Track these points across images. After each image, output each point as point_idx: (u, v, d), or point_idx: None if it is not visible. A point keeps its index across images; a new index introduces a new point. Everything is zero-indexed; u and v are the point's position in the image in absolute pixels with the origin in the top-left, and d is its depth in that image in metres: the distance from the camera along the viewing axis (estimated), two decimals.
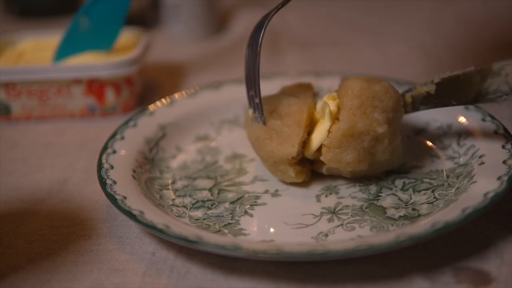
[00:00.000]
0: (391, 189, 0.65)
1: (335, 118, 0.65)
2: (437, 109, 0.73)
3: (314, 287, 0.55)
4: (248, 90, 0.67)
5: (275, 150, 0.64)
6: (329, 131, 0.64)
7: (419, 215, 0.61)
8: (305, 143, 0.66)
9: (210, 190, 0.68)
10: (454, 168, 0.67)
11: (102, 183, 0.64)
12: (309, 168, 0.67)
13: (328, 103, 0.65)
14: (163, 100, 0.79)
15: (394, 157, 0.65)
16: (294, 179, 0.66)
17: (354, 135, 0.63)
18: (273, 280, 0.56)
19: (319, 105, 0.65)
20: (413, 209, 0.62)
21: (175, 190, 0.68)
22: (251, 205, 0.65)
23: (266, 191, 0.67)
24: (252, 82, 0.66)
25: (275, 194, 0.66)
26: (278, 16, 1.21)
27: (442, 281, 0.54)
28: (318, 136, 0.65)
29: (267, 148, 0.65)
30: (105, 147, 0.70)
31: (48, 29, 1.04)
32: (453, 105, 0.65)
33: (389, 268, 0.56)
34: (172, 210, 0.64)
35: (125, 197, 0.62)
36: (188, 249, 0.59)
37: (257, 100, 0.66)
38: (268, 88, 0.76)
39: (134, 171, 0.68)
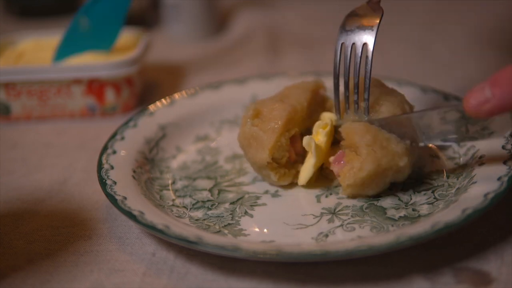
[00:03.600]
0: (391, 189, 0.65)
1: (324, 152, 0.65)
2: None
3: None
4: (347, 95, 0.64)
5: (253, 156, 0.65)
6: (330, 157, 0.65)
7: (419, 216, 0.61)
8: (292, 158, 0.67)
9: (210, 190, 0.68)
10: (454, 169, 0.67)
11: (102, 183, 0.64)
12: (298, 170, 0.67)
13: (313, 139, 0.65)
14: (163, 100, 0.79)
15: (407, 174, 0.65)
16: (277, 182, 0.66)
17: (378, 173, 0.62)
18: (273, 280, 0.56)
19: (305, 140, 0.65)
20: (413, 210, 0.62)
21: (175, 191, 0.68)
22: (251, 205, 0.65)
23: (266, 192, 0.67)
24: (358, 86, 0.63)
25: (275, 194, 0.66)
26: (278, 16, 1.21)
27: (442, 282, 0.54)
28: (305, 172, 0.66)
29: (248, 155, 0.66)
30: (105, 147, 0.70)
31: (48, 29, 1.04)
32: None
33: (389, 268, 0.56)
34: (172, 211, 0.64)
35: (125, 198, 0.62)
36: (188, 250, 0.59)
37: (363, 104, 0.63)
38: (267, 88, 0.76)
39: (134, 172, 0.68)
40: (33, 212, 0.67)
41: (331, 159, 0.65)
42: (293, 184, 0.67)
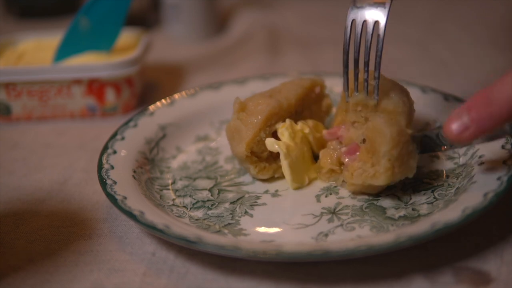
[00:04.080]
0: (390, 189, 0.65)
1: (294, 147, 0.66)
2: (437, 109, 0.74)
3: (314, 287, 0.55)
4: (357, 72, 0.63)
5: (235, 149, 0.67)
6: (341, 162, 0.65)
7: (419, 215, 0.61)
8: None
9: (210, 190, 0.68)
10: (454, 168, 0.67)
11: (103, 183, 0.64)
12: (280, 165, 0.68)
13: (272, 139, 0.66)
14: (163, 100, 0.79)
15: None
16: (257, 176, 0.67)
17: (387, 184, 0.62)
18: (273, 280, 0.56)
19: (267, 144, 0.66)
20: (413, 209, 0.62)
21: (175, 190, 0.68)
22: (251, 205, 0.65)
23: (266, 191, 0.67)
24: (368, 64, 0.61)
25: (275, 194, 0.66)
26: (278, 16, 1.21)
27: (442, 281, 0.54)
28: (285, 172, 0.66)
29: (231, 147, 0.68)
30: (105, 148, 0.70)
31: (48, 29, 1.04)
32: None
33: (389, 268, 0.56)
34: (172, 210, 0.64)
35: (125, 197, 0.62)
36: (188, 249, 0.59)
37: (373, 82, 0.62)
38: (267, 88, 0.76)
39: (134, 171, 0.68)
40: (33, 212, 0.67)
41: (344, 149, 0.65)
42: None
